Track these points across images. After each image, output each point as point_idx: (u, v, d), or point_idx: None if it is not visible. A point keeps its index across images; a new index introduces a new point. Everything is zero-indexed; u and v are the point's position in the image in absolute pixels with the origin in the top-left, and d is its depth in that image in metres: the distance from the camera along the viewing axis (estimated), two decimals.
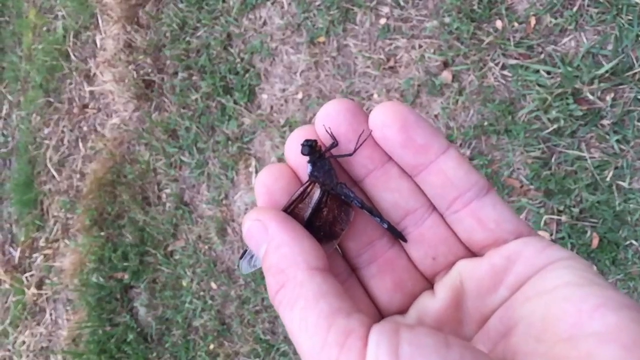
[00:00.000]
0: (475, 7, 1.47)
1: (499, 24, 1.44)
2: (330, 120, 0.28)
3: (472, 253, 0.28)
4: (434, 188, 0.28)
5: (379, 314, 0.29)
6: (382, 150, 0.28)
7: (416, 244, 0.29)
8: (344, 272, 0.29)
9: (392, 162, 0.28)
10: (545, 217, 1.34)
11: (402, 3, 1.60)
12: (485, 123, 1.43)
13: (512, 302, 0.26)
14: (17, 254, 2.67)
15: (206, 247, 1.94)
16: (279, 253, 0.24)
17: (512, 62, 1.41)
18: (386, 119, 0.27)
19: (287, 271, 0.24)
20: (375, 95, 1.63)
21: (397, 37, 1.60)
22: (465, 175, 0.27)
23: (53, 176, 2.52)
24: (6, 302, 2.67)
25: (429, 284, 0.29)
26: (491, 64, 1.44)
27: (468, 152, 1.44)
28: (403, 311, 0.29)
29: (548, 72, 1.36)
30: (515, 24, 1.42)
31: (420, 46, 1.56)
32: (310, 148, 0.28)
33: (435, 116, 1.52)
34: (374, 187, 0.29)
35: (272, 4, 1.85)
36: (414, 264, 0.29)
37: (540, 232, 1.33)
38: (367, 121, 0.28)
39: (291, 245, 0.24)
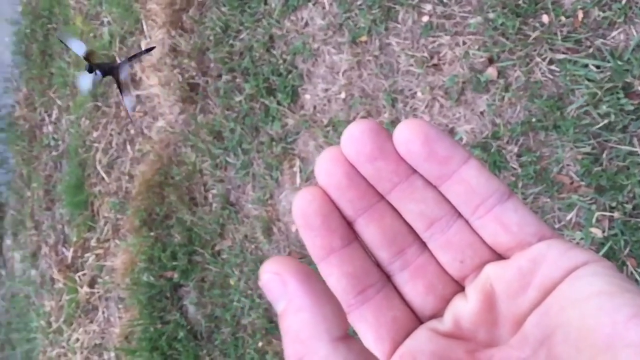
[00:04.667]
0: (520, 2, 1.45)
1: (545, 18, 1.42)
2: (355, 140, 0.29)
3: (498, 256, 0.29)
4: (458, 196, 0.29)
5: (415, 319, 0.30)
6: (407, 164, 0.29)
7: (444, 249, 0.30)
8: (379, 282, 0.30)
9: (416, 175, 0.29)
10: (597, 214, 1.32)
11: (445, 0, 1.59)
12: (533, 119, 1.42)
13: (547, 310, 0.26)
14: (69, 253, 2.76)
15: (253, 246, 1.97)
16: (298, 318, 0.23)
17: (560, 56, 1.39)
18: (409, 135, 0.28)
19: (307, 342, 0.22)
20: (419, 94, 1.63)
21: (440, 35, 1.59)
22: (487, 183, 0.29)
23: (102, 178, 2.60)
24: (60, 301, 2.77)
25: (460, 287, 0.30)
26: (538, 59, 1.42)
27: (516, 149, 1.43)
28: (438, 314, 0.30)
29: (597, 66, 1.34)
30: (563, 18, 1.40)
31: (464, 43, 1.55)
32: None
33: (481, 113, 1.51)
34: (401, 199, 0.30)
35: (314, 4, 1.86)
36: (443, 268, 0.30)
37: (593, 229, 1.31)
38: (390, 139, 0.29)
39: (313, 312, 0.23)
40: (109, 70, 1.51)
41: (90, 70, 1.49)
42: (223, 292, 2.03)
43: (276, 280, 0.23)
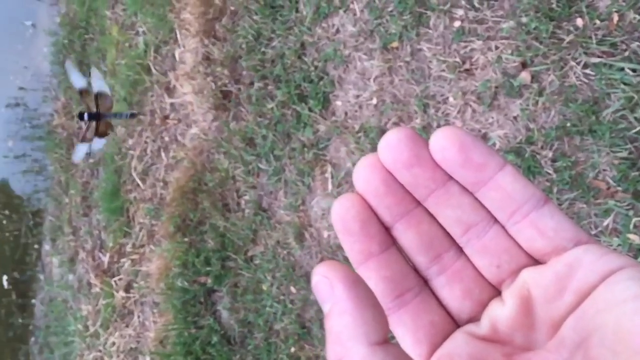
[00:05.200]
0: (554, 6, 1.44)
1: (579, 22, 1.41)
2: (392, 148, 0.29)
3: (534, 261, 0.30)
4: (494, 202, 0.29)
5: (452, 323, 0.30)
6: (443, 171, 0.30)
7: (480, 254, 0.30)
8: (416, 286, 0.31)
9: (452, 181, 0.30)
10: (634, 219, 1.29)
11: (476, 5, 1.58)
12: (568, 124, 1.40)
13: (584, 313, 0.27)
14: (106, 259, 2.82)
15: (285, 252, 1.98)
16: (341, 321, 0.24)
17: (595, 60, 1.37)
18: (445, 143, 0.29)
19: (347, 344, 0.24)
20: (451, 99, 1.62)
21: (472, 40, 1.59)
22: (523, 189, 0.29)
23: (138, 185, 2.65)
24: (97, 305, 2.82)
25: (496, 291, 0.30)
26: (572, 63, 1.40)
27: (550, 154, 1.41)
28: (474, 319, 0.30)
29: (633, 70, 1.32)
30: (597, 22, 1.38)
31: (496, 47, 1.54)
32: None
33: (515, 118, 1.50)
34: (437, 205, 0.30)
35: (345, 11, 1.87)
36: (480, 273, 0.31)
37: (630, 236, 1.29)
38: (426, 146, 0.29)
39: (354, 316, 0.24)
40: (96, 116, 1.81)
41: (81, 117, 1.70)
42: (256, 298, 2.04)
43: (325, 283, 0.25)
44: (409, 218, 0.30)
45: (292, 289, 1.94)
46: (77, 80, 1.82)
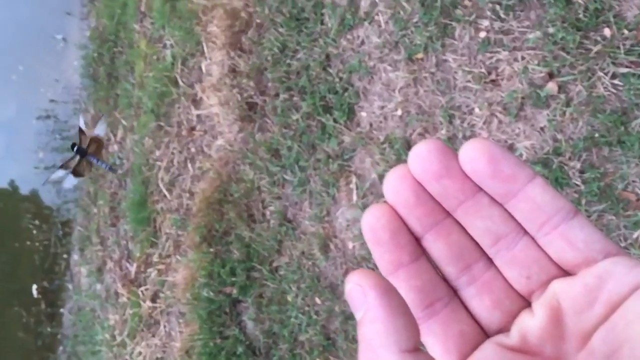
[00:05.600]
0: (580, 16, 1.43)
1: (607, 32, 1.39)
2: (422, 159, 0.30)
3: (564, 272, 0.30)
4: (523, 213, 0.30)
5: (482, 333, 0.30)
6: (472, 182, 0.30)
7: (510, 265, 0.30)
8: (446, 296, 0.31)
9: (482, 193, 0.30)
10: None
11: (502, 15, 1.58)
12: (596, 134, 1.38)
13: (614, 325, 0.27)
14: (133, 268, 2.86)
15: (310, 263, 1.99)
16: (373, 328, 0.25)
17: (623, 70, 1.36)
18: (474, 154, 0.29)
19: (378, 351, 0.25)
20: (477, 110, 1.61)
21: (498, 50, 1.58)
22: (552, 201, 0.29)
23: (165, 195, 2.68)
24: (124, 315, 2.85)
25: (526, 302, 0.30)
26: (600, 74, 1.39)
27: (578, 165, 1.40)
28: (504, 329, 0.30)
29: None
30: (625, 32, 1.36)
31: (523, 58, 1.53)
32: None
33: (542, 129, 1.48)
34: (467, 216, 0.30)
35: (370, 23, 1.88)
36: (510, 284, 0.31)
37: None
38: (456, 157, 0.30)
39: (386, 323, 0.25)
40: (83, 153, 2.14)
41: (72, 147, 2.13)
42: (281, 309, 2.05)
43: (357, 290, 0.26)
44: (439, 229, 0.30)
45: (317, 300, 1.94)
46: (82, 123, 2.21)
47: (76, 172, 2.15)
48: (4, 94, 4.66)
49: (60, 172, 2.16)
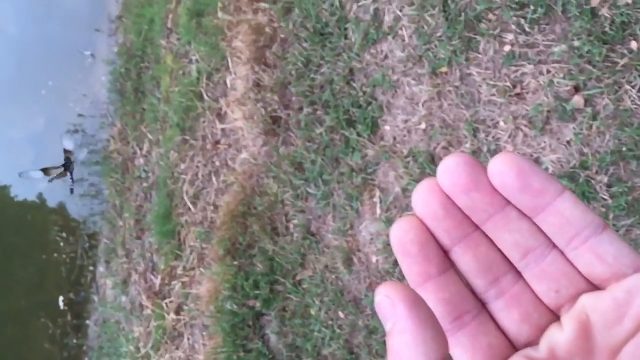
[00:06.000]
0: (607, 29, 1.42)
1: (634, 44, 1.38)
2: (451, 173, 0.30)
3: (593, 286, 0.30)
4: (552, 227, 0.30)
5: (510, 346, 0.30)
6: (501, 196, 0.30)
7: (539, 279, 0.30)
8: (474, 309, 0.31)
9: (510, 206, 0.30)
10: None
11: (527, 29, 1.57)
12: (624, 148, 1.36)
13: None
14: (157, 281, 2.88)
15: (333, 276, 1.98)
16: (401, 339, 0.25)
17: None
18: (503, 168, 0.29)
19: None
20: (502, 123, 1.61)
21: (523, 64, 1.57)
22: (582, 215, 0.29)
23: (189, 208, 2.70)
24: (148, 327, 2.88)
25: (555, 316, 0.30)
26: (627, 87, 1.38)
27: (605, 179, 1.38)
28: (533, 343, 0.30)
29: None
30: None
31: (548, 71, 1.52)
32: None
33: (568, 142, 1.47)
34: (495, 229, 0.31)
35: (393, 37, 1.89)
36: (538, 297, 0.31)
37: None
38: (484, 171, 0.30)
39: (414, 335, 0.25)
40: (64, 166, 2.61)
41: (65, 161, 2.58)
42: (304, 322, 2.05)
43: (387, 302, 0.26)
44: (468, 241, 0.30)
45: (341, 314, 1.93)
46: (68, 143, 2.88)
47: (46, 172, 2.98)
48: (34, 109, 4.77)
49: (39, 174, 3.00)
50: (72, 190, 3.14)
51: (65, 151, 2.62)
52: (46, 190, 4.69)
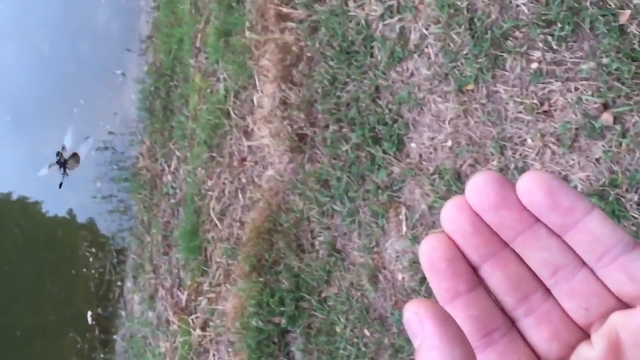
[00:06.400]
0: (636, 47, 1.40)
1: None
2: (479, 190, 0.30)
3: (624, 304, 0.29)
4: (582, 245, 0.29)
5: None
6: (530, 214, 0.30)
7: (569, 297, 0.30)
8: (503, 326, 0.31)
9: (540, 224, 0.30)
10: None
11: (554, 46, 1.57)
12: None
13: None
14: (184, 297, 2.90)
15: (359, 294, 1.98)
16: (430, 356, 0.26)
17: None
18: (533, 186, 0.29)
19: None
20: (529, 141, 1.60)
21: (551, 81, 1.57)
22: (612, 233, 0.29)
23: (216, 225, 2.73)
24: (175, 343, 2.89)
25: (585, 334, 0.30)
26: None
27: (636, 198, 1.36)
28: None
29: None
30: None
31: (576, 89, 1.51)
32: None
33: (597, 160, 1.45)
34: (525, 247, 0.31)
35: (419, 55, 1.90)
36: (568, 315, 0.31)
37: None
38: (513, 189, 0.30)
39: (443, 352, 0.25)
40: (61, 163, 3.01)
41: (57, 154, 2.96)
42: (329, 340, 2.04)
43: (415, 319, 0.27)
44: (497, 259, 0.30)
45: (366, 332, 1.92)
46: (68, 140, 3.04)
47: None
48: (65, 126, 4.87)
49: (46, 170, 3.05)
50: (60, 185, 3.32)
51: (63, 148, 2.82)
52: (77, 207, 4.78)
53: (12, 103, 5.09)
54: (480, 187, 0.30)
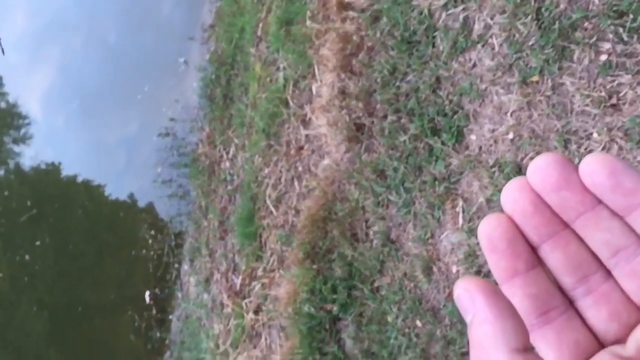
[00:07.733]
0: None
1: None
2: (541, 171, 0.30)
3: None
4: None
5: (597, 343, 0.30)
6: (592, 195, 0.30)
7: (629, 278, 0.30)
8: (561, 305, 0.31)
9: (602, 205, 0.30)
10: None
11: (625, 38, 1.51)
12: None
13: None
14: (238, 281, 2.96)
15: (412, 284, 1.97)
16: (482, 330, 0.26)
17: None
18: (595, 167, 0.29)
19: (488, 351, 0.26)
20: (595, 135, 1.55)
21: (620, 74, 1.51)
22: None
23: (271, 212, 2.77)
24: (228, 325, 2.96)
25: None
26: None
27: None
28: (620, 341, 0.30)
29: None
30: None
31: None
32: None
33: None
34: (586, 227, 0.30)
35: (483, 46, 1.87)
36: (628, 296, 0.30)
37: None
38: (575, 170, 0.30)
39: (494, 324, 0.26)
40: None
41: None
42: (380, 329, 2.04)
43: (466, 295, 0.28)
44: (557, 239, 0.30)
45: (418, 323, 1.92)
46: None
47: None
48: (129, 113, 5.05)
49: None
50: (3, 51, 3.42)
51: None
52: (137, 191, 4.94)
53: (79, 90, 5.31)
54: (542, 167, 0.30)
